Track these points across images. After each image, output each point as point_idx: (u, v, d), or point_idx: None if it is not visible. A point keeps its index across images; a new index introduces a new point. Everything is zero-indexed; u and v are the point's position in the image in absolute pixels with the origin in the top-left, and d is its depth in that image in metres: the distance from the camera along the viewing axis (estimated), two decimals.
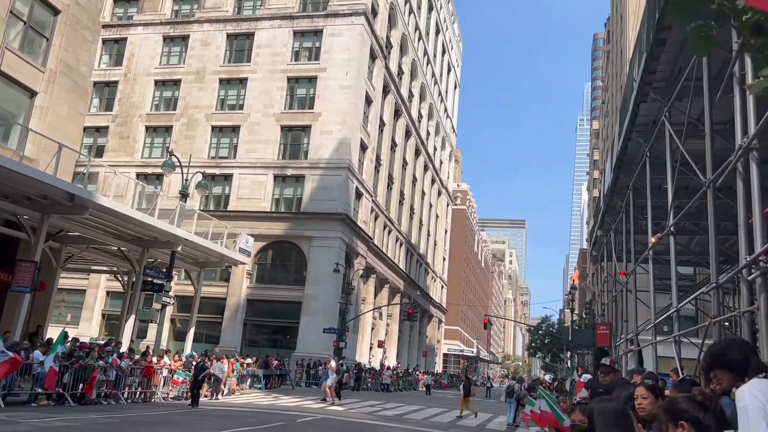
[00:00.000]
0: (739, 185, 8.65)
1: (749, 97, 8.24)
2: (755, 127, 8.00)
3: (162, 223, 22.99)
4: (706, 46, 3.60)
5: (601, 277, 35.55)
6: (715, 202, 10.43)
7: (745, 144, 8.18)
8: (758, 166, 8.23)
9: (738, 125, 8.59)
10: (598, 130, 78.02)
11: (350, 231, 42.76)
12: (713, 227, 10.36)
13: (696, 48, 3.61)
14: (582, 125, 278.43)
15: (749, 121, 8.22)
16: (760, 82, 3.13)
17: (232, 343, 39.97)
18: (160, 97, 47.66)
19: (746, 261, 8.26)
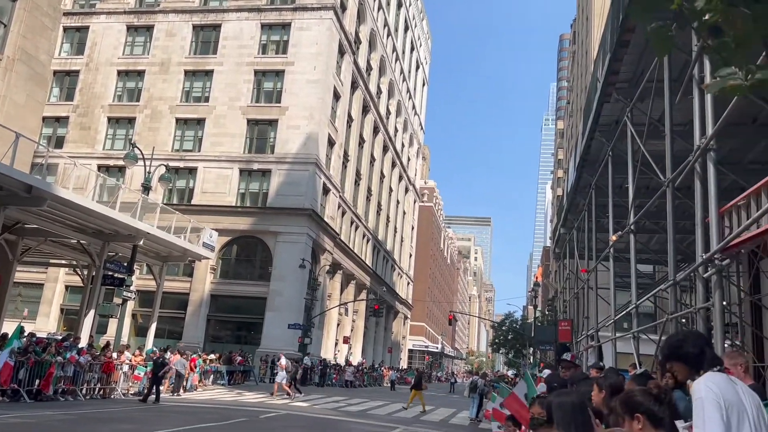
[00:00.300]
0: (696, 185, 8.86)
1: (708, 99, 8.44)
2: (713, 129, 8.20)
3: (123, 216, 22.54)
4: (665, 46, 3.65)
5: (563, 274, 36.13)
6: (674, 202, 10.67)
7: (703, 145, 8.38)
8: (715, 167, 8.44)
9: (696, 126, 8.80)
10: (563, 129, 79.18)
11: (317, 227, 42.57)
12: (672, 226, 10.59)
13: (656, 48, 3.67)
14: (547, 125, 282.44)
15: (707, 122, 8.42)
16: (717, 82, 3.19)
17: (195, 338, 39.48)
18: (123, 87, 46.69)
19: (702, 259, 8.48)
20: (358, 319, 57.54)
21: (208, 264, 39.33)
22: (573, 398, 3.82)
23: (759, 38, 3.33)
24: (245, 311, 41.43)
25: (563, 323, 27.78)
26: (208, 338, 40.87)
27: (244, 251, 42.80)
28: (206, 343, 39.72)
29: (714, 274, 8.13)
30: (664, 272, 21.48)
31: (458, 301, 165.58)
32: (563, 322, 28.01)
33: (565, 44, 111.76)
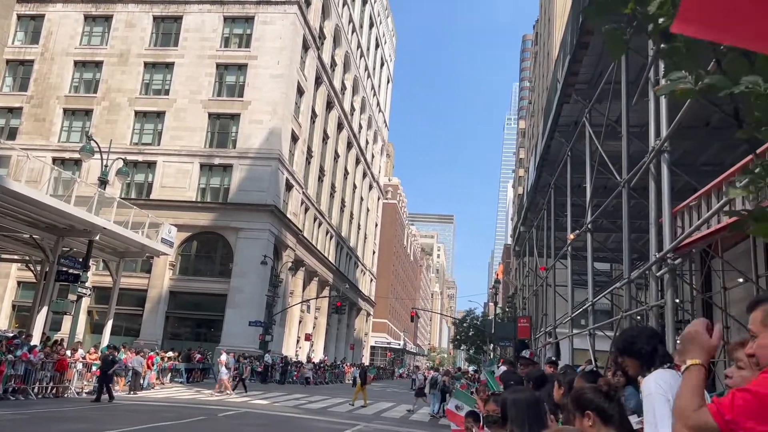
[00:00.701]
0: (651, 186, 9.07)
1: (662, 101, 8.65)
2: (667, 131, 8.40)
3: (79, 211, 21.98)
4: (619, 48, 3.71)
5: (523, 271, 36.64)
6: (629, 202, 10.91)
7: (658, 146, 8.58)
8: (669, 168, 8.65)
9: (651, 128, 9.00)
10: (525, 129, 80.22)
11: (279, 223, 42.22)
12: (627, 225, 10.82)
13: (611, 50, 3.72)
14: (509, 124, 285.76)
15: (662, 125, 8.62)
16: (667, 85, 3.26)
17: (153, 336, 38.76)
18: (79, 78, 45.45)
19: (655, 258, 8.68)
20: (321, 316, 57.33)
21: (167, 260, 38.64)
22: (527, 395, 3.87)
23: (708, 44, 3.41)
24: (205, 308, 40.84)
25: (522, 320, 28.18)
26: (167, 336, 40.17)
27: (204, 247, 42.17)
28: (165, 340, 39.03)
29: (666, 273, 8.33)
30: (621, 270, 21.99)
31: (421, 297, 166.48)
32: (522, 319, 28.41)
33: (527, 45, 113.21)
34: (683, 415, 1.84)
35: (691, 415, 1.81)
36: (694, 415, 1.80)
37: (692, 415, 1.80)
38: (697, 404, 1.82)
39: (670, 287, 8.38)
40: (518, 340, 28.37)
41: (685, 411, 1.84)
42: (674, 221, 9.19)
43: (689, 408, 1.83)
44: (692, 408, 1.82)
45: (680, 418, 1.85)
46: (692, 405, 1.83)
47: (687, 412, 1.83)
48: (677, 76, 3.31)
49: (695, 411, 1.81)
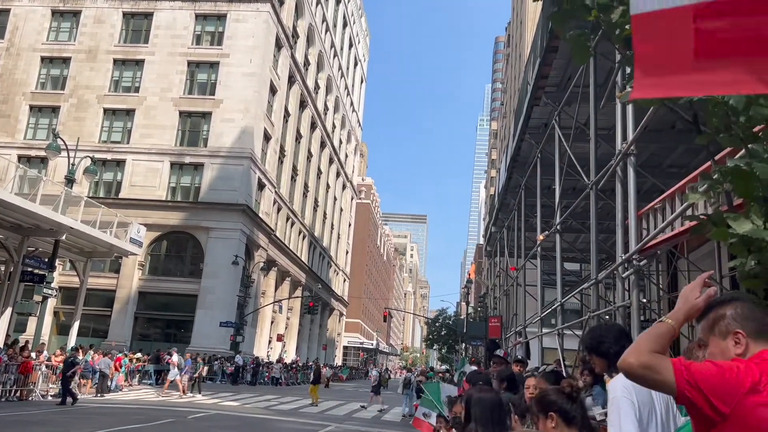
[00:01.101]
0: (618, 188, 9.22)
1: (629, 105, 8.79)
2: (633, 134, 8.54)
3: (44, 210, 21.53)
4: (584, 54, 3.79)
5: (494, 271, 36.94)
6: (597, 203, 11.06)
7: (624, 149, 8.72)
8: (635, 171, 8.80)
9: (618, 131, 9.15)
10: (497, 130, 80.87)
11: (251, 222, 41.91)
12: (595, 226, 10.98)
13: (575, 55, 3.79)
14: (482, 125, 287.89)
15: (628, 128, 8.76)
16: (629, 92, 3.32)
17: (122, 337, 38.17)
18: (47, 75, 44.52)
19: (622, 259, 8.82)
20: (293, 316, 57.06)
21: (136, 260, 38.06)
22: (491, 396, 3.91)
23: None
24: (175, 309, 40.33)
25: (493, 320, 28.42)
26: (136, 337, 39.59)
27: (174, 247, 41.65)
28: (133, 341, 38.47)
29: (632, 274, 8.47)
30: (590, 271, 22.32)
31: (394, 297, 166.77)
32: (493, 319, 28.65)
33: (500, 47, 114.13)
34: (637, 350, 1.79)
35: (647, 354, 1.76)
36: (651, 355, 1.76)
37: (648, 355, 1.76)
38: (655, 349, 1.78)
39: (636, 288, 8.52)
40: (489, 340, 28.59)
41: (641, 348, 1.79)
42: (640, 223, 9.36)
43: (646, 348, 1.78)
44: (649, 349, 1.77)
45: (632, 352, 1.79)
46: (650, 347, 1.78)
47: (642, 350, 1.78)
48: None
49: (651, 353, 1.76)
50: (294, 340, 57.90)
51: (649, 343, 1.80)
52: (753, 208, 2.81)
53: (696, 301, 1.90)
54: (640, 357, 1.77)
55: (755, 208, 2.81)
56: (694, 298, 1.91)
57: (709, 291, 1.90)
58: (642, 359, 1.76)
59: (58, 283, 28.34)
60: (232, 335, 38.40)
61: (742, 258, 2.89)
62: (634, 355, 1.78)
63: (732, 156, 4.02)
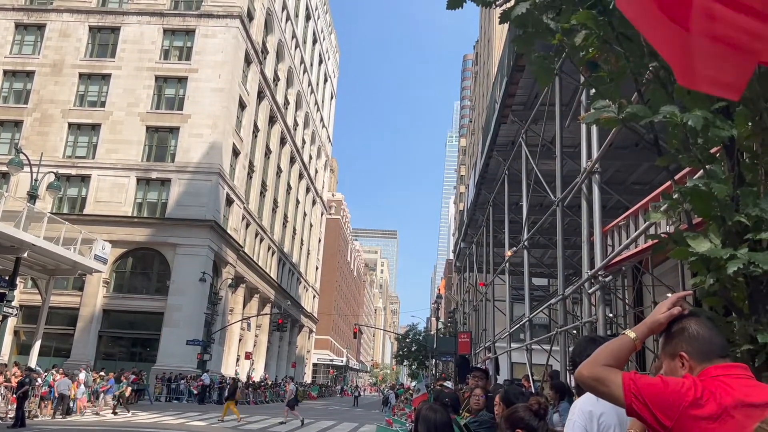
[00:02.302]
0: (583, 204, 9.39)
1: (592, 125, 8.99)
2: (597, 153, 8.73)
3: (5, 227, 21.00)
4: (548, 77, 3.87)
5: (463, 287, 37.12)
6: (563, 220, 11.24)
7: (589, 167, 8.90)
8: (600, 188, 8.98)
9: (584, 150, 9.33)
10: (465, 147, 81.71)
11: (219, 239, 41.43)
12: (561, 242, 11.14)
13: (539, 78, 3.88)
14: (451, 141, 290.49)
15: (593, 146, 8.95)
16: (592, 113, 3.41)
17: (85, 356, 37.17)
18: (9, 88, 43.59)
19: (588, 275, 8.96)
20: (262, 333, 56.38)
21: (101, 277, 37.26)
22: (439, 416, 3.91)
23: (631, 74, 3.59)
24: (140, 327, 39.51)
25: (463, 335, 28.49)
26: (100, 356, 38.62)
27: (140, 264, 40.90)
28: (97, 360, 37.51)
29: (598, 290, 8.61)
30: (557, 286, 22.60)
31: (364, 313, 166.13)
32: (463, 335, 28.72)
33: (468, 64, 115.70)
34: (591, 362, 1.85)
35: (598, 367, 1.82)
36: (602, 369, 1.81)
37: (599, 368, 1.81)
38: (609, 362, 1.83)
39: (602, 303, 8.66)
40: (459, 356, 28.64)
41: (595, 361, 1.84)
42: (605, 239, 9.53)
43: (599, 361, 1.84)
44: (602, 362, 1.83)
45: (586, 364, 1.86)
46: (603, 360, 1.84)
47: (595, 362, 1.84)
48: (601, 105, 3.47)
49: (603, 366, 1.81)
50: (263, 357, 57.18)
51: (605, 356, 1.86)
52: (711, 228, 2.90)
53: (658, 316, 1.95)
54: (592, 369, 1.83)
55: (713, 227, 2.89)
56: (656, 315, 1.96)
57: (672, 310, 1.94)
58: (593, 371, 1.82)
59: (19, 302, 27.58)
60: (200, 353, 37.76)
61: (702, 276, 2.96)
62: (587, 367, 1.85)
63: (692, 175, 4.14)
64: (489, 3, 3.78)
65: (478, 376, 8.04)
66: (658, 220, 3.84)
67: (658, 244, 3.57)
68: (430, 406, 3.99)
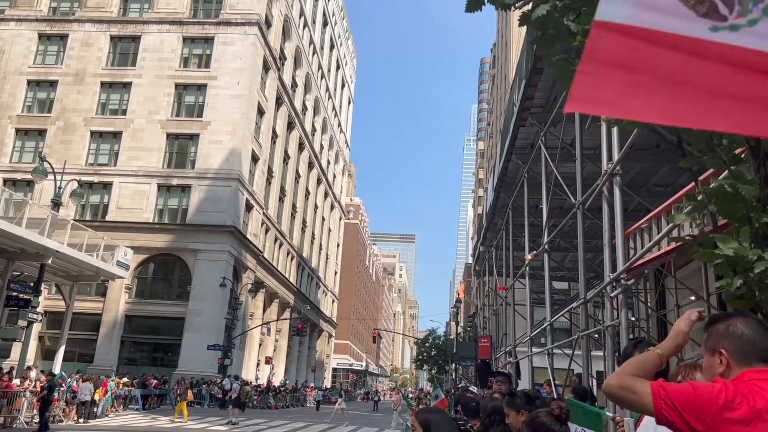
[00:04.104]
0: (604, 207, 9.30)
1: (614, 126, 8.91)
2: (619, 154, 8.64)
3: (30, 234, 21.32)
4: (569, 79, 3.85)
5: (483, 291, 36.93)
6: (584, 223, 11.14)
7: (610, 169, 8.81)
8: (621, 190, 8.89)
9: (604, 152, 9.25)
10: (484, 150, 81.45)
11: (239, 244, 41.71)
12: (582, 246, 11.04)
13: (560, 80, 3.86)
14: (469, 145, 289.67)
15: (614, 148, 8.87)
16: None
17: (108, 361, 37.61)
18: (33, 98, 44.38)
19: (609, 279, 8.87)
20: (281, 338, 56.60)
21: (123, 283, 37.70)
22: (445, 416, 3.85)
23: None
24: (162, 332, 39.89)
25: (483, 340, 28.33)
26: (122, 361, 39.04)
27: (161, 270, 41.31)
28: (120, 365, 37.92)
29: (621, 293, 8.51)
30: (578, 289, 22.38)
31: (383, 318, 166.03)
32: (483, 339, 28.57)
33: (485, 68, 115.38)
34: (620, 373, 1.85)
35: (627, 377, 1.82)
36: (629, 378, 1.81)
37: (627, 378, 1.82)
38: (636, 372, 1.83)
39: (624, 307, 8.56)
40: (480, 360, 28.48)
41: (624, 372, 1.85)
42: (627, 242, 9.42)
43: (627, 372, 1.84)
44: (630, 373, 1.83)
45: (614, 375, 1.86)
46: (632, 371, 1.84)
47: (624, 374, 1.84)
48: None
49: (632, 376, 1.81)
50: (283, 362, 57.38)
51: (632, 367, 1.87)
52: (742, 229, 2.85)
53: (680, 324, 1.94)
54: (620, 379, 1.83)
55: (744, 228, 2.84)
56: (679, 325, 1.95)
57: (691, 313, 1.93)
58: (621, 381, 1.82)
59: (44, 308, 28.03)
60: (220, 358, 37.99)
61: (728, 278, 2.92)
62: (615, 378, 1.85)
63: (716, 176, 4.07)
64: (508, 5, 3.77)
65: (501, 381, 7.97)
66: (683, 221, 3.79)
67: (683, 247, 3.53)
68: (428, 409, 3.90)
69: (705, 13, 1.58)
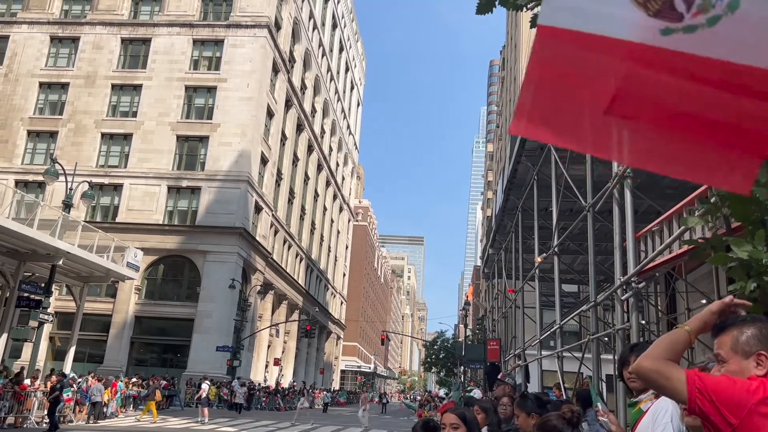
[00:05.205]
0: (615, 210, 9.25)
1: None
2: None
3: (41, 235, 21.46)
4: None
5: (492, 293, 36.84)
6: (594, 225, 11.09)
7: (621, 172, 8.77)
8: (632, 193, 8.85)
9: None
10: (493, 152, 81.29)
11: (248, 246, 41.82)
12: (592, 248, 10.99)
13: None
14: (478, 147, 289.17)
15: None
16: None
17: (118, 362, 37.80)
18: (45, 100, 44.73)
19: (620, 282, 8.82)
20: (290, 340, 56.67)
21: (133, 284, 37.87)
22: None
23: None
24: (171, 333, 40.05)
25: (492, 343, 28.25)
26: (132, 362, 39.23)
27: (171, 271, 41.48)
28: (129, 366, 38.11)
29: (631, 297, 8.47)
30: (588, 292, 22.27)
31: (391, 320, 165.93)
32: (492, 342, 28.48)
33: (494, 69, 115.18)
34: (652, 355, 1.84)
35: (660, 361, 1.81)
36: (663, 362, 1.80)
37: (661, 362, 1.81)
38: (668, 357, 1.82)
39: (635, 310, 8.51)
40: (489, 363, 28.39)
41: (655, 355, 1.83)
42: (638, 245, 9.37)
43: (659, 355, 1.83)
44: (662, 356, 1.82)
45: (647, 356, 1.84)
46: (663, 353, 1.83)
47: (656, 356, 1.83)
48: None
49: (665, 361, 1.81)
50: (291, 364, 57.45)
51: (663, 350, 1.86)
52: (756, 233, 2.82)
53: (712, 305, 1.93)
54: (654, 362, 1.83)
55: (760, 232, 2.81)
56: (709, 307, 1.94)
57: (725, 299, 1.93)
58: (655, 365, 1.82)
59: (54, 308, 28.20)
60: (229, 360, 38.08)
61: (742, 282, 2.90)
62: (648, 360, 1.84)
63: None
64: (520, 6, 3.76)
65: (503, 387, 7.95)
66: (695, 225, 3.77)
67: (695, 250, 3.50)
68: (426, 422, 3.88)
69: (657, 11, 1.34)
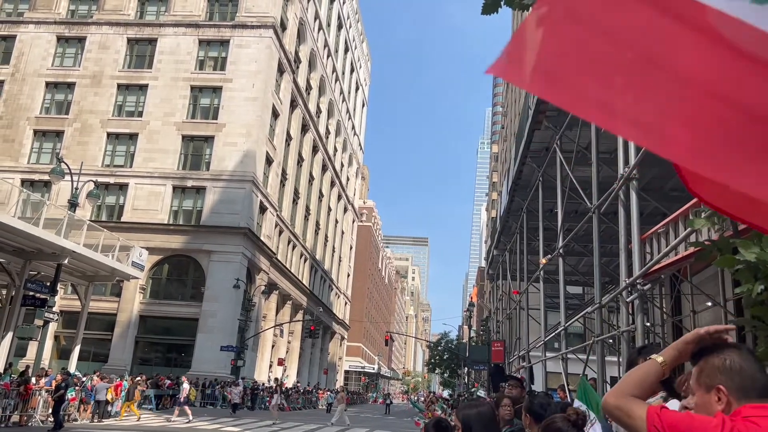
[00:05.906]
0: (620, 212, 9.23)
1: None
2: (635, 158, 8.57)
3: (47, 234, 21.53)
4: None
5: (496, 294, 36.78)
6: (600, 227, 11.06)
7: (626, 174, 8.75)
8: (638, 195, 8.82)
9: (620, 156, 9.18)
10: (498, 153, 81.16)
11: (253, 246, 41.87)
12: (598, 250, 10.96)
13: None
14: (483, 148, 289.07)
15: (630, 152, 8.80)
16: None
17: (122, 361, 37.91)
18: (51, 99, 44.89)
19: (625, 284, 8.80)
20: (294, 340, 56.71)
21: (137, 284, 37.97)
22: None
23: None
24: (176, 333, 40.13)
25: (496, 344, 28.21)
26: (136, 361, 39.32)
27: (175, 270, 41.57)
28: (134, 366, 38.21)
29: (636, 299, 8.44)
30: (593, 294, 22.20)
31: (395, 321, 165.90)
32: (496, 343, 28.45)
33: None
34: (617, 392, 1.80)
35: (623, 398, 1.77)
36: (626, 399, 1.76)
37: (623, 399, 1.77)
38: (635, 392, 1.78)
39: (640, 312, 8.49)
40: (493, 364, 28.35)
41: (620, 391, 1.80)
42: (643, 247, 9.35)
43: (626, 391, 1.79)
44: (629, 393, 1.78)
45: (613, 392, 1.81)
46: (629, 389, 1.79)
47: (621, 392, 1.79)
48: None
49: (629, 398, 1.76)
50: (295, 364, 57.48)
51: (630, 385, 1.82)
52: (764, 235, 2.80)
53: (687, 335, 1.85)
54: (617, 399, 1.79)
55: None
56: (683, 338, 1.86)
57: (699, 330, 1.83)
58: (618, 401, 1.78)
59: (59, 307, 28.26)
60: (233, 359, 38.12)
61: (749, 284, 2.88)
62: (612, 396, 1.81)
63: None
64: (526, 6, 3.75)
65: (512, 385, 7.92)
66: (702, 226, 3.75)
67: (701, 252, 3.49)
68: (470, 404, 3.89)
69: None
